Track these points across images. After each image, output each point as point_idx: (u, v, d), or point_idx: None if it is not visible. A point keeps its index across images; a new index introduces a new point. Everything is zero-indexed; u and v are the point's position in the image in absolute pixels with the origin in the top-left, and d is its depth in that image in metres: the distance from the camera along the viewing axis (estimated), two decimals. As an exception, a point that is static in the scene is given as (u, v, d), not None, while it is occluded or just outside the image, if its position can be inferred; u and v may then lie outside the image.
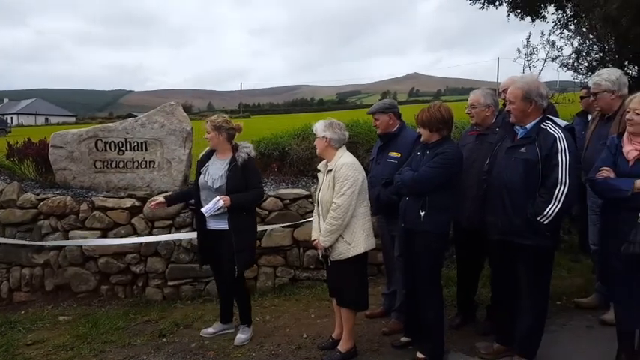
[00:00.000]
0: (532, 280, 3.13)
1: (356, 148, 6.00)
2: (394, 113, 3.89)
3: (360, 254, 3.36)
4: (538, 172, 2.96)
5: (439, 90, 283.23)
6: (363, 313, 4.04)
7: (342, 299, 3.50)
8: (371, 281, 4.93)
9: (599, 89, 3.66)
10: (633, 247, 2.74)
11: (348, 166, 3.33)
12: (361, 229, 3.36)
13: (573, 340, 3.63)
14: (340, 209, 3.27)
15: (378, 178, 3.80)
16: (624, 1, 7.50)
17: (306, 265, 5.11)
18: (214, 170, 3.74)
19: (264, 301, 4.74)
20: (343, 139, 3.50)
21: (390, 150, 3.84)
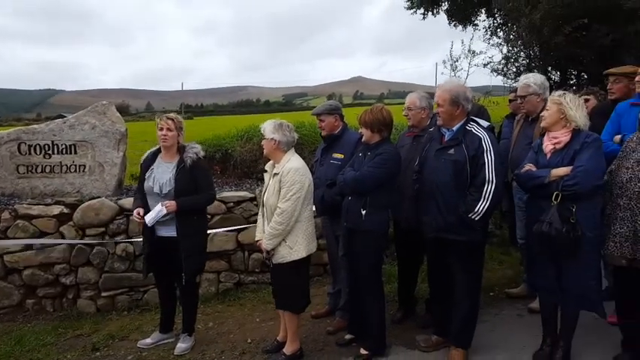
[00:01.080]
0: (466, 273, 3.30)
1: (301, 150, 6.06)
2: (339, 115, 3.97)
3: (300, 258, 3.37)
4: (467, 171, 3.13)
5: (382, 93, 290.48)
6: (309, 314, 4.10)
7: (279, 302, 3.53)
8: (317, 281, 5.03)
9: (527, 92, 3.90)
10: (546, 226, 2.95)
11: (295, 171, 3.31)
12: (304, 233, 3.38)
13: (505, 328, 3.86)
14: (285, 214, 3.27)
15: (322, 179, 3.86)
16: (546, 12, 8.09)
17: (251, 269, 5.07)
18: (160, 174, 3.60)
19: (207, 308, 4.65)
20: (292, 142, 3.48)
21: (333, 151, 3.91)
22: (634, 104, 3.63)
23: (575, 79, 10.14)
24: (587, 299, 3.07)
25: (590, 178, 2.94)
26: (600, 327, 3.53)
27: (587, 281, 3.04)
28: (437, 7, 13.03)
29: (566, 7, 8.25)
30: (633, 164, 2.91)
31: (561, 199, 2.97)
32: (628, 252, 2.93)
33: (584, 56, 8.79)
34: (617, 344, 3.28)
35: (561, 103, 3.11)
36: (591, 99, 4.41)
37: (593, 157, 2.98)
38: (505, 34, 9.74)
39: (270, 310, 4.43)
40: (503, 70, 9.52)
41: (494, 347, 3.55)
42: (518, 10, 8.61)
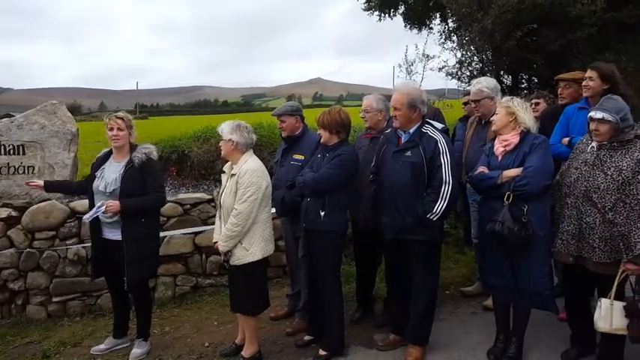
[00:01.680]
0: (423, 272, 3.36)
1: (260, 151, 6.02)
2: (300, 116, 3.97)
3: (257, 260, 3.34)
4: (424, 173, 3.20)
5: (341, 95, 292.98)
6: (268, 316, 4.06)
7: (235, 304, 3.49)
8: (276, 283, 5.00)
9: (482, 96, 4.02)
10: (499, 226, 3.05)
11: (252, 173, 3.27)
12: (260, 235, 3.34)
13: (460, 326, 3.96)
14: (241, 216, 3.23)
15: (282, 180, 3.84)
16: (498, 17, 8.40)
17: (209, 272, 4.97)
18: (109, 173, 3.49)
19: (164, 312, 4.53)
20: (250, 143, 3.44)
21: (294, 152, 3.90)
22: (581, 108, 3.82)
23: (526, 83, 10.59)
24: (539, 297, 3.18)
25: (540, 179, 3.06)
26: (551, 323, 3.67)
27: (539, 279, 3.15)
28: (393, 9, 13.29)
29: (517, 13, 8.59)
30: (580, 164, 3.04)
31: (513, 199, 3.07)
32: (574, 249, 3.05)
33: (535, 61, 9.18)
34: (566, 340, 3.42)
35: (509, 106, 3.23)
36: (541, 102, 4.60)
37: (542, 157, 3.10)
38: (459, 38, 10.05)
39: (229, 313, 4.33)
40: (458, 74, 9.82)
41: (450, 344, 3.63)
42: (471, 16, 8.90)
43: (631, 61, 9.20)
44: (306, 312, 3.83)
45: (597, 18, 8.57)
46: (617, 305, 2.93)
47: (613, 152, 2.93)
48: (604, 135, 2.94)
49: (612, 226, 2.87)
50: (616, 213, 2.86)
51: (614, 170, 2.88)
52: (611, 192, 2.87)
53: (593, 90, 3.68)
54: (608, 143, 2.95)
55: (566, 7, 8.57)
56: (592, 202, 2.93)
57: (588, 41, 8.83)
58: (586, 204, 2.97)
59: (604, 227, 2.90)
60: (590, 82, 3.69)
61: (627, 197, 2.83)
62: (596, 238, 2.93)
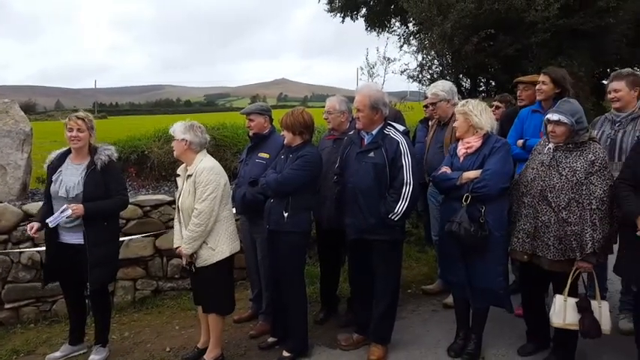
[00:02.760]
0: (385, 272, 3.41)
1: (223, 152, 5.94)
2: (269, 117, 3.97)
3: (224, 259, 3.31)
4: (386, 174, 3.25)
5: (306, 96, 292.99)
6: (231, 319, 4.01)
7: (207, 305, 3.42)
8: (240, 285, 4.93)
9: (438, 99, 4.11)
10: (456, 226, 3.13)
11: (209, 171, 3.25)
12: (225, 232, 3.31)
13: (421, 323, 4.04)
14: (202, 215, 3.19)
15: (246, 178, 3.81)
16: (456, 22, 8.66)
17: (170, 275, 4.86)
18: (69, 176, 3.35)
19: (123, 317, 4.39)
20: (204, 142, 3.41)
21: (259, 151, 3.88)
22: (535, 111, 3.98)
23: (484, 86, 10.95)
24: (495, 295, 3.29)
25: (498, 181, 3.16)
26: (508, 319, 3.77)
27: (494, 278, 3.25)
28: (355, 12, 13.45)
29: (475, 18, 8.88)
30: (537, 165, 3.15)
31: (471, 200, 3.16)
32: (528, 248, 3.16)
33: (492, 65, 9.52)
34: (523, 335, 3.55)
35: (466, 112, 3.30)
36: (502, 107, 4.76)
37: (501, 161, 3.20)
38: (419, 42, 10.29)
39: (191, 316, 4.28)
40: (419, 77, 10.06)
41: (412, 342, 3.70)
42: (431, 20, 9.14)
43: (582, 65, 9.69)
44: (270, 314, 3.81)
45: (550, 24, 8.98)
46: (570, 301, 3.06)
47: (568, 153, 3.05)
48: (560, 137, 3.06)
49: (566, 225, 2.98)
50: (569, 212, 2.97)
51: (569, 171, 3.00)
52: (565, 192, 2.98)
53: (546, 94, 3.84)
54: (564, 145, 3.06)
55: (521, 13, 8.92)
56: (547, 201, 3.04)
57: (542, 46, 9.24)
58: (542, 203, 3.07)
59: (558, 226, 3.01)
60: (543, 86, 3.85)
61: (580, 197, 2.95)
62: (551, 237, 3.04)
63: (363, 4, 13.57)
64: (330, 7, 14.82)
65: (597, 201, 2.92)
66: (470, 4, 8.66)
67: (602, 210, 2.93)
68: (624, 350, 3.32)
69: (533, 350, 3.43)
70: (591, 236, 2.90)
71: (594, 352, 3.38)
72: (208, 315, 3.44)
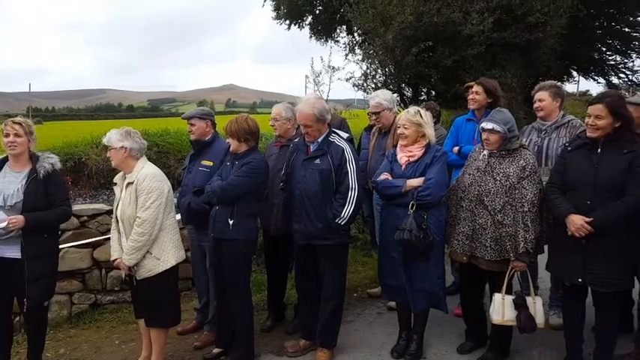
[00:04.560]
0: (331, 276, 3.45)
1: (167, 158, 5.78)
2: (211, 121, 3.89)
3: (170, 268, 3.22)
4: (332, 179, 3.32)
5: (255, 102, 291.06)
6: (175, 331, 3.89)
7: (152, 318, 3.30)
8: (185, 296, 4.79)
9: (381, 109, 4.22)
10: (404, 234, 3.22)
11: (152, 177, 3.16)
12: (170, 241, 3.23)
13: (367, 326, 4.11)
14: (146, 224, 3.09)
15: (190, 187, 3.73)
16: (398, 33, 8.96)
17: (109, 288, 4.65)
18: (7, 184, 3.13)
19: (58, 334, 4.16)
20: (143, 148, 3.31)
21: (202, 158, 3.81)
22: (469, 119, 4.19)
23: (425, 95, 11.37)
24: (434, 297, 3.42)
25: (440, 189, 3.32)
26: (448, 319, 3.92)
27: (434, 280, 3.39)
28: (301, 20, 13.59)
29: (415, 30, 9.23)
30: (474, 171, 3.31)
31: (415, 207, 3.27)
32: (467, 249, 3.31)
33: (432, 75, 9.90)
34: (462, 334, 3.70)
35: (421, 124, 3.41)
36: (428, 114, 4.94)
37: (442, 170, 3.36)
38: (364, 51, 10.55)
39: (132, 330, 4.12)
40: (363, 86, 10.29)
41: (357, 345, 3.75)
42: (375, 31, 9.41)
43: (515, 77, 10.31)
44: (215, 324, 3.73)
45: (485, 37, 9.49)
46: (507, 299, 3.24)
47: (502, 160, 3.23)
48: (494, 144, 3.24)
49: (501, 227, 3.15)
50: (504, 215, 3.14)
51: (503, 176, 3.18)
52: (500, 196, 3.16)
53: (479, 103, 4.06)
54: (498, 152, 3.25)
55: (458, 27, 9.38)
56: (483, 205, 3.21)
57: (478, 58, 9.75)
58: (479, 207, 3.23)
59: (494, 228, 3.18)
60: (476, 96, 4.07)
61: (513, 200, 3.13)
62: (488, 238, 3.21)
63: (309, 13, 13.73)
64: (276, 15, 14.88)
65: (529, 204, 3.11)
66: (410, 17, 9.00)
67: (533, 212, 3.12)
68: (554, 344, 3.55)
69: (472, 348, 3.58)
70: (524, 237, 3.09)
71: (526, 347, 3.59)
72: (151, 328, 3.32)
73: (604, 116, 2.90)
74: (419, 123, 3.40)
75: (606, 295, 3.02)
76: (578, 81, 22.82)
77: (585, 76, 19.50)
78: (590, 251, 2.94)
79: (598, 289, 3.03)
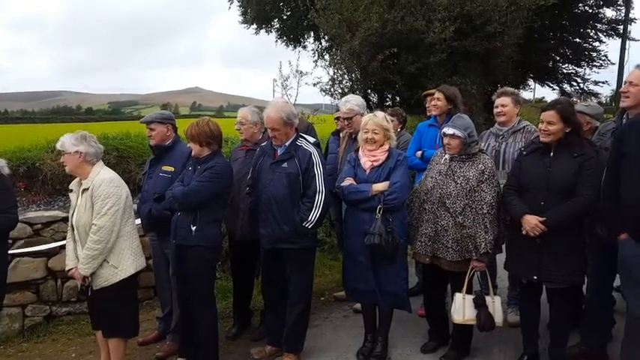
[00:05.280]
0: (298, 280, 3.45)
1: (127, 163, 5.64)
2: (172, 125, 3.81)
3: (128, 277, 3.12)
4: (300, 183, 3.33)
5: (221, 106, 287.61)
6: (136, 341, 3.79)
7: (109, 329, 3.19)
8: (146, 305, 4.69)
9: (353, 114, 4.25)
10: (375, 238, 3.27)
11: (108, 183, 3.05)
12: (129, 249, 3.13)
13: (333, 330, 4.13)
14: (102, 231, 2.99)
15: (150, 193, 3.64)
16: (364, 39, 9.11)
17: (66, 299, 4.46)
18: None
19: (9, 349, 3.97)
20: (100, 152, 3.21)
21: (163, 164, 3.72)
22: (431, 125, 4.31)
23: (390, 101, 11.57)
24: (398, 298, 3.48)
25: (406, 193, 3.39)
26: (413, 320, 4.00)
27: (398, 282, 3.45)
28: (269, 25, 13.57)
29: (380, 37, 9.41)
30: (436, 174, 3.40)
31: (382, 211, 3.32)
32: (430, 250, 3.38)
33: (397, 81, 10.10)
34: (425, 334, 3.77)
35: (388, 129, 3.47)
36: (394, 120, 5.05)
37: (405, 173, 3.43)
38: (331, 57, 10.66)
39: (90, 342, 3.97)
40: (330, 91, 10.38)
41: (324, 349, 3.76)
42: (341, 37, 9.53)
43: (474, 84, 10.66)
44: (178, 333, 3.64)
45: (447, 45, 9.77)
46: (468, 298, 3.34)
47: (462, 163, 3.33)
48: (455, 148, 3.33)
49: (462, 229, 3.24)
50: (465, 217, 3.24)
51: (463, 179, 3.28)
52: (461, 198, 3.25)
53: (440, 109, 4.17)
54: (458, 156, 3.35)
55: (421, 35, 9.62)
56: (445, 207, 3.29)
57: (440, 65, 10.03)
58: (440, 209, 3.32)
59: (455, 230, 3.27)
60: (438, 102, 4.18)
61: (473, 203, 3.24)
62: (449, 240, 3.29)
63: (276, 18, 13.73)
64: (243, 19, 14.80)
65: (487, 206, 3.22)
66: (375, 24, 9.17)
67: (492, 214, 3.23)
68: (512, 340, 3.67)
69: (435, 347, 3.65)
70: (484, 238, 3.19)
71: (486, 345, 3.70)
72: (109, 340, 3.21)
73: (555, 122, 3.04)
74: (387, 128, 3.46)
75: (559, 292, 3.16)
76: (534, 88, 23.83)
77: (541, 83, 20.39)
78: (544, 250, 3.07)
79: (551, 286, 3.16)
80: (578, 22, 17.45)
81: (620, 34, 17.32)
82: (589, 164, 2.98)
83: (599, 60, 17.96)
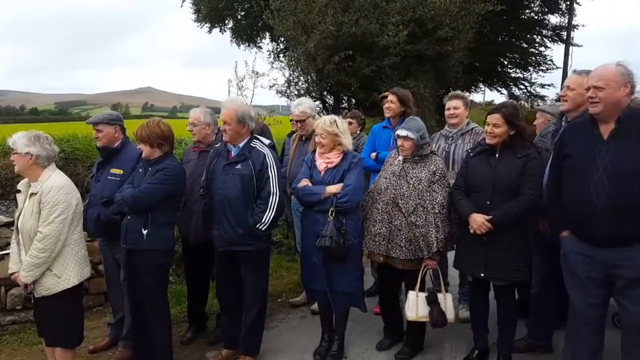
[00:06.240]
0: (253, 282, 3.44)
1: (74, 166, 5.42)
2: (120, 127, 3.70)
3: (73, 286, 3.00)
4: (254, 185, 3.31)
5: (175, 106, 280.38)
6: (86, 349, 3.67)
7: (50, 339, 3.07)
8: (97, 312, 4.55)
9: (306, 116, 4.29)
10: (325, 241, 3.30)
11: (58, 190, 2.91)
12: (74, 258, 3.00)
13: (291, 331, 4.14)
14: (48, 239, 2.85)
15: (98, 197, 3.52)
16: (319, 42, 9.17)
17: (10, 307, 4.25)
18: None
19: (-54, 362, 3.73)
20: (53, 156, 3.06)
21: (111, 166, 3.61)
22: (385, 127, 4.40)
23: (346, 102, 11.71)
24: (353, 297, 3.53)
25: (358, 195, 3.44)
26: (369, 318, 4.05)
27: (352, 281, 3.50)
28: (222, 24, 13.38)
29: (335, 40, 9.51)
30: (389, 175, 3.48)
31: (335, 213, 3.36)
32: (384, 250, 3.46)
33: (352, 84, 10.23)
34: (381, 332, 3.85)
35: (337, 134, 3.48)
36: (354, 122, 5.14)
37: (359, 175, 3.47)
38: (287, 59, 10.66)
39: (37, 352, 3.79)
40: (287, 92, 10.39)
41: (281, 350, 3.76)
42: (296, 39, 9.55)
43: (427, 87, 10.97)
44: (130, 339, 3.54)
45: (400, 49, 10.00)
46: (421, 296, 3.43)
47: (414, 165, 3.43)
48: (408, 150, 3.43)
49: (414, 228, 3.33)
50: (417, 216, 3.33)
51: (415, 180, 3.37)
52: (413, 198, 3.35)
53: (394, 111, 4.28)
54: (411, 157, 3.44)
55: (375, 38, 9.80)
56: (398, 207, 3.38)
57: (394, 68, 10.26)
58: (394, 209, 3.40)
59: (408, 229, 3.36)
60: (391, 105, 4.28)
61: (425, 203, 3.33)
62: (403, 239, 3.38)
63: (230, 17, 13.56)
64: (196, 17, 14.53)
65: (439, 206, 3.33)
66: (330, 27, 9.26)
67: (443, 213, 3.35)
68: (463, 336, 3.80)
69: (390, 344, 3.74)
70: (435, 237, 3.30)
71: (439, 341, 3.82)
72: (55, 349, 3.08)
73: (500, 125, 3.19)
74: (335, 133, 3.48)
75: (505, 288, 3.32)
76: (484, 91, 24.79)
77: (490, 87, 21.24)
78: (490, 248, 3.20)
79: (498, 283, 3.30)
80: (525, 27, 18.31)
81: (563, 40, 18.31)
82: (532, 165, 3.14)
83: (545, 64, 18.95)
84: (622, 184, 2.54)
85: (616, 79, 2.60)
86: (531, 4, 18.02)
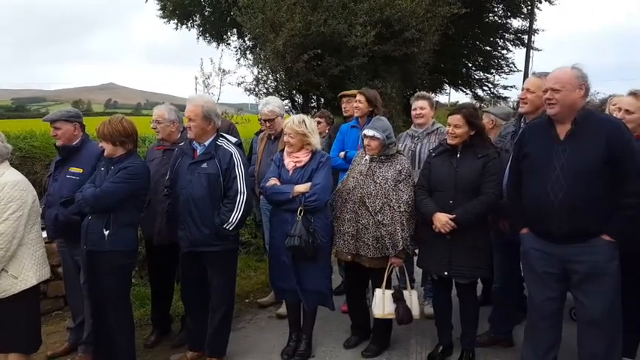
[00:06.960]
0: (220, 283, 3.39)
1: (32, 164, 5.22)
2: (80, 124, 3.57)
3: (30, 288, 2.88)
4: (220, 184, 3.26)
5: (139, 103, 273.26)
6: (44, 354, 3.55)
7: (5, 344, 2.92)
8: (55, 316, 4.40)
9: (275, 116, 4.26)
10: (294, 240, 3.30)
11: (12, 186, 2.79)
12: (31, 258, 2.88)
13: (258, 332, 4.10)
14: (3, 237, 2.73)
15: (56, 197, 3.39)
16: (288, 40, 9.13)
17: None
18: None
19: None
20: (5, 153, 2.93)
21: (70, 165, 3.48)
22: (353, 126, 4.44)
23: (315, 102, 11.72)
24: (321, 295, 3.54)
25: (326, 194, 3.44)
26: (336, 317, 4.08)
27: (320, 280, 3.50)
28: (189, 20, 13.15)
29: (304, 38, 9.49)
30: (357, 174, 3.51)
31: (303, 212, 3.35)
32: (352, 248, 3.48)
33: (321, 83, 10.25)
34: (348, 330, 3.88)
35: (305, 134, 3.48)
36: (322, 122, 5.16)
37: (327, 175, 3.48)
38: (255, 56, 10.56)
39: (-8, 359, 3.64)
40: (255, 90, 10.29)
41: (249, 351, 3.73)
42: (265, 36, 9.48)
43: (394, 87, 11.10)
44: (91, 344, 3.43)
45: (368, 49, 10.09)
46: (387, 293, 3.48)
47: (381, 164, 3.47)
48: (374, 150, 3.46)
49: (381, 227, 3.37)
50: (383, 215, 3.37)
51: (382, 179, 3.41)
52: (380, 197, 3.38)
53: (362, 111, 4.32)
54: (378, 157, 3.48)
55: (344, 38, 9.85)
56: (365, 206, 3.40)
57: (362, 68, 10.33)
58: (361, 208, 3.43)
59: (375, 228, 3.39)
60: (359, 104, 4.32)
61: (391, 202, 3.37)
62: (370, 237, 3.41)
63: (197, 13, 13.33)
64: (162, 14, 14.22)
65: (404, 204, 3.38)
66: (299, 25, 9.24)
67: (409, 212, 3.40)
68: (428, 332, 3.88)
69: (357, 342, 3.77)
70: (401, 235, 3.34)
71: (405, 337, 3.88)
72: (8, 355, 2.94)
73: (461, 125, 3.27)
74: (303, 133, 3.48)
75: (467, 286, 3.40)
76: (449, 92, 25.33)
77: (455, 88, 21.70)
78: (453, 246, 3.27)
79: (461, 281, 3.38)
80: (488, 31, 18.80)
81: (525, 44, 18.91)
82: (491, 164, 3.24)
83: (507, 67, 19.52)
84: (577, 183, 2.65)
85: (572, 81, 2.70)
86: (495, 8, 18.52)
